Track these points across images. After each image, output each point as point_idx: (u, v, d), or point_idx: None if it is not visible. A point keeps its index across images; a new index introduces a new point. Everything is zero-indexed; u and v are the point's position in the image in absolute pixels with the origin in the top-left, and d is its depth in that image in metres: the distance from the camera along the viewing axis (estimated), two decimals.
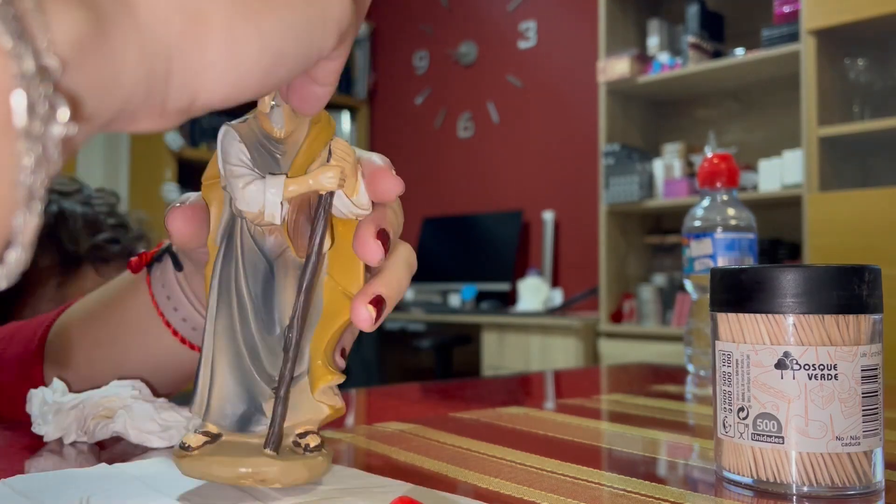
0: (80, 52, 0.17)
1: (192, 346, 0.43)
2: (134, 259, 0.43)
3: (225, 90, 0.22)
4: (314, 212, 0.30)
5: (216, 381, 0.30)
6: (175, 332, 0.42)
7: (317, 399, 0.30)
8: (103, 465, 0.34)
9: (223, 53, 0.21)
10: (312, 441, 0.30)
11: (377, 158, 0.32)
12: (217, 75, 0.22)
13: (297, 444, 0.30)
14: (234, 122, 0.31)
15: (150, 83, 0.20)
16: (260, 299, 0.31)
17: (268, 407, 0.30)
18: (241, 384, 0.30)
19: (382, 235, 0.31)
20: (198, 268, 0.40)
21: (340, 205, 0.30)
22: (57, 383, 0.41)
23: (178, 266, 0.41)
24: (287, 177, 0.29)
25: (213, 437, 0.30)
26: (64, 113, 0.16)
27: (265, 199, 0.29)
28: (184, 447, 0.29)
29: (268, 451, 0.29)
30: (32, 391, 0.41)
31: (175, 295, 0.42)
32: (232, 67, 0.22)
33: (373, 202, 0.31)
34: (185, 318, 0.42)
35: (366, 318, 0.30)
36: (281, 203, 0.29)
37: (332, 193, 0.30)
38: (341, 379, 0.31)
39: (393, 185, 0.31)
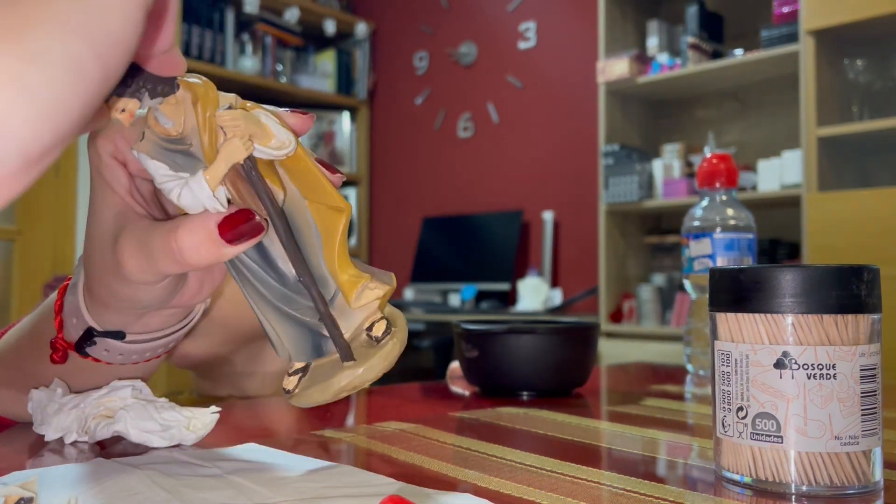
0: None
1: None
2: (57, 354, 0.39)
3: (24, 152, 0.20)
4: (247, 179, 0.31)
5: (278, 331, 0.33)
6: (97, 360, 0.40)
7: (354, 308, 0.33)
8: (100, 459, 0.34)
9: None
10: (378, 329, 0.32)
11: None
12: None
13: (369, 336, 0.33)
14: (135, 143, 0.31)
15: None
16: (260, 261, 0.33)
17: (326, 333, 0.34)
18: (298, 325, 0.33)
19: (321, 163, 0.33)
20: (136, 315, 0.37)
21: (266, 155, 0.31)
22: (57, 383, 0.41)
23: (122, 336, 0.38)
24: (204, 167, 0.30)
25: (304, 370, 0.34)
26: None
27: (201, 200, 0.30)
28: (286, 391, 0.34)
29: (346, 364, 0.32)
30: (33, 391, 0.41)
31: (117, 349, 0.39)
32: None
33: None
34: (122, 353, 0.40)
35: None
36: (213, 194, 0.30)
37: (249, 158, 0.31)
38: (367, 277, 0.33)
39: (302, 122, 0.33)
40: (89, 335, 0.38)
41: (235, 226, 0.30)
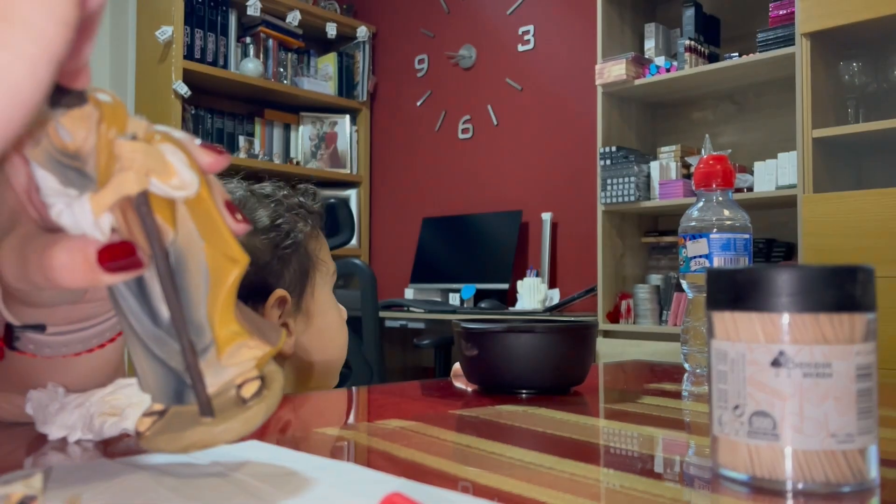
0: None
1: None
2: None
3: None
4: (136, 213, 0.29)
5: (144, 368, 0.32)
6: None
7: (224, 365, 0.31)
8: (103, 459, 0.35)
9: None
10: (248, 390, 0.30)
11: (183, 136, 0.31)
12: None
13: (238, 395, 0.30)
14: (29, 147, 0.29)
15: None
16: (138, 295, 0.31)
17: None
18: (163, 366, 0.31)
19: (230, 208, 0.31)
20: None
21: (164, 193, 0.29)
22: (54, 384, 0.41)
23: (43, 329, 0.37)
24: (94, 191, 0.29)
25: (162, 413, 0.32)
26: None
27: (81, 224, 0.29)
28: (137, 432, 0.31)
29: (203, 419, 0.30)
30: (31, 392, 0.41)
31: (43, 343, 0.38)
32: None
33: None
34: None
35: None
36: (94, 221, 0.28)
37: (142, 192, 0.29)
38: (247, 335, 0.31)
39: (215, 161, 0.31)
40: (11, 330, 0.36)
41: (115, 257, 0.29)
